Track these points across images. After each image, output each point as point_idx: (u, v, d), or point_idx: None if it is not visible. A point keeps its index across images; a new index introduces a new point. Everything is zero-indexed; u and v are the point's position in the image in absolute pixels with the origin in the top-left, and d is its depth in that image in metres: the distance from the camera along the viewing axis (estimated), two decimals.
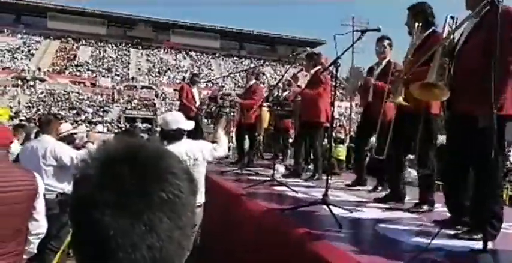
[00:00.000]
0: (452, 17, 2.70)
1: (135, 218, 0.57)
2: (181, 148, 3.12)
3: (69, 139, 4.17)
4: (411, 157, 3.81)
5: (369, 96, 4.44)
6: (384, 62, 4.38)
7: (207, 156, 3.35)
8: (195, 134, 6.51)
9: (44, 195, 2.15)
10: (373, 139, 4.60)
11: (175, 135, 3.23)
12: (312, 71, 5.29)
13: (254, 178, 4.96)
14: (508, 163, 13.10)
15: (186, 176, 0.64)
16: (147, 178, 0.59)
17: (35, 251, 2.22)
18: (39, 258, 2.91)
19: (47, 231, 2.30)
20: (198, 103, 7.54)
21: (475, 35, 2.53)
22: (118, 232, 0.56)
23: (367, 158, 5.14)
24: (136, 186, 0.58)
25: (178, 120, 3.24)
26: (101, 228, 0.56)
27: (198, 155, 3.18)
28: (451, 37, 2.75)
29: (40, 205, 2.07)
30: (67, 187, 3.55)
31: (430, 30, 3.33)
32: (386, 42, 4.37)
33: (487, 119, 2.22)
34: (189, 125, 3.37)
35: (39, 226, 2.13)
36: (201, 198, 3.29)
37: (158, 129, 3.73)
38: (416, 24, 3.30)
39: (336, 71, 3.27)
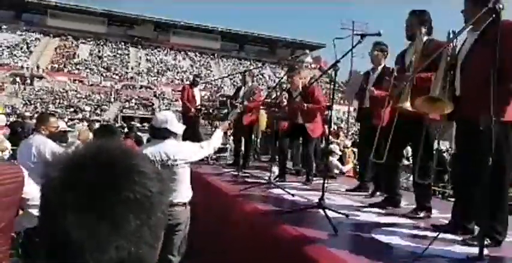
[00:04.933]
0: (454, 32, 2.74)
1: (101, 219, 0.55)
2: (160, 148, 3.13)
3: (61, 137, 4.09)
4: (406, 162, 3.76)
5: (365, 101, 4.44)
6: (380, 68, 4.39)
7: (190, 157, 3.30)
8: (193, 134, 6.49)
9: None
10: None
11: (160, 134, 3.23)
12: (300, 85, 5.12)
13: (250, 180, 4.94)
14: None
15: (155, 175, 0.62)
16: (113, 178, 0.58)
17: None
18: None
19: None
20: (198, 103, 7.58)
21: (478, 48, 2.58)
22: (82, 234, 0.55)
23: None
24: (101, 187, 0.57)
25: (167, 120, 3.23)
26: (64, 230, 0.55)
27: (178, 156, 3.16)
28: (452, 50, 2.79)
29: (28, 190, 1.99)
30: None
31: (430, 37, 3.38)
32: (379, 48, 4.38)
33: (488, 121, 2.23)
34: (179, 127, 3.34)
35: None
36: (186, 197, 3.29)
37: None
38: (423, 29, 3.33)
39: (335, 74, 3.27)
